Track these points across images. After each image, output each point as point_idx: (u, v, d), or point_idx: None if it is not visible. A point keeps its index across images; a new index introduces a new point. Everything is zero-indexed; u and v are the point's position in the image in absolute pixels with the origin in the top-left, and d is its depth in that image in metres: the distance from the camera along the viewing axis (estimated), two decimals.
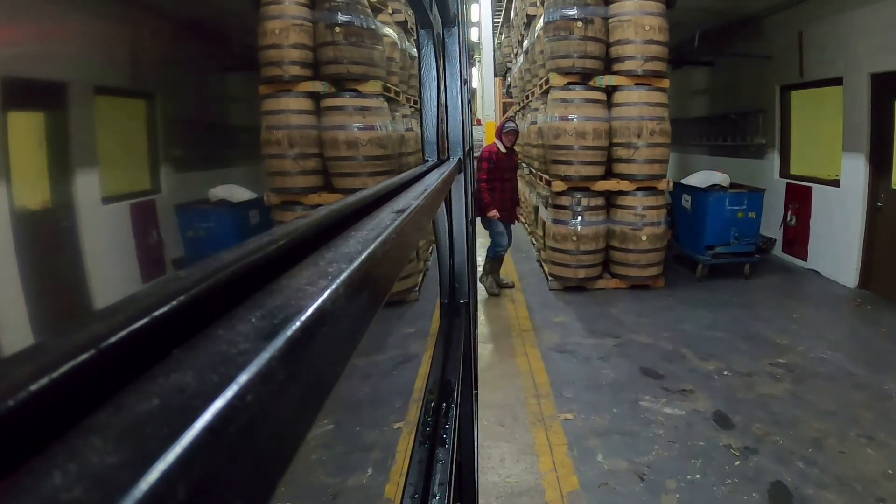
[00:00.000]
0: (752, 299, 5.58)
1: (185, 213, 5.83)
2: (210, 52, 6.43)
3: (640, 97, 5.66)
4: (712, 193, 6.16)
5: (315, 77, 5.30)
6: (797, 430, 3.13)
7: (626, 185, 5.79)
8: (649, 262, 5.84)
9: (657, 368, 3.99)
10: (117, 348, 0.21)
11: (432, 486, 1.08)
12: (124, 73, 5.40)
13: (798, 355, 4.13)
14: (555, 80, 5.86)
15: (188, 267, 0.31)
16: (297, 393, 0.24)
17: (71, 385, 0.19)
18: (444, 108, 1.81)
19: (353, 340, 0.34)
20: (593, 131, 5.70)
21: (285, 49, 5.18)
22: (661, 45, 5.63)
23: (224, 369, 0.21)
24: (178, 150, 6.36)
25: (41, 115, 4.52)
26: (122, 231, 5.21)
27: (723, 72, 8.34)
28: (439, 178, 1.13)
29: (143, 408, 0.18)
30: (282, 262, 0.36)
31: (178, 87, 6.26)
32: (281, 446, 0.22)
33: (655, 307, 5.37)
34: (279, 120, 5.23)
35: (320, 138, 5.28)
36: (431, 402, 1.34)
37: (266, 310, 0.27)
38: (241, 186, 6.07)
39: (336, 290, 0.31)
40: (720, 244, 6.13)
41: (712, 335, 4.60)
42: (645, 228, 5.74)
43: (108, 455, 0.16)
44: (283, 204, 5.39)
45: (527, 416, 3.42)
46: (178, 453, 0.16)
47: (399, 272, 0.52)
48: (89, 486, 0.15)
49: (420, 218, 0.68)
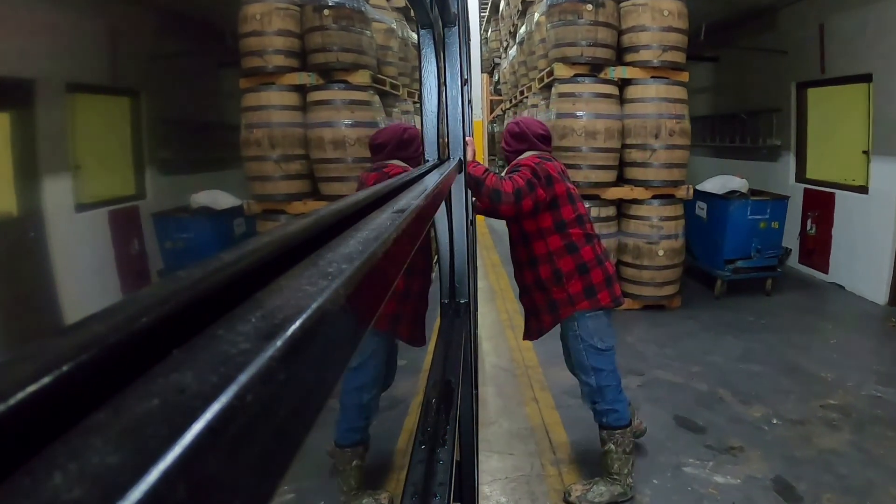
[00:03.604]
0: (781, 321, 4.97)
1: (163, 222, 5.19)
2: (195, 44, 5.81)
3: (657, 92, 4.95)
4: (733, 201, 5.48)
5: (302, 68, 4.70)
6: (875, 500, 2.63)
7: (641, 193, 5.04)
8: (666, 280, 5.10)
9: (695, 417, 3.34)
10: (117, 348, 0.21)
11: (432, 486, 1.08)
12: (98, 69, 4.90)
13: (849, 394, 3.61)
14: (560, 72, 5.09)
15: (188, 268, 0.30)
16: (298, 393, 0.24)
17: (71, 385, 0.19)
18: (444, 107, 1.81)
19: (353, 341, 0.34)
20: (605, 131, 4.93)
21: (268, 36, 4.59)
22: (680, 34, 4.96)
23: (224, 369, 0.21)
24: (164, 151, 5.82)
25: (5, 115, 4.15)
26: (99, 241, 4.69)
27: (730, 67, 7.72)
28: (440, 178, 1.13)
29: (143, 408, 0.18)
30: (282, 262, 0.36)
31: (160, 83, 5.63)
32: (281, 446, 0.22)
33: (676, 334, 4.68)
34: (260, 117, 4.65)
35: (306, 137, 4.71)
36: (431, 402, 1.34)
37: (266, 310, 0.27)
38: (224, 192, 5.43)
39: (336, 290, 0.31)
40: (741, 258, 5.45)
41: (748, 369, 3.97)
42: (662, 242, 5.01)
43: (109, 455, 0.16)
44: (265, 213, 4.76)
45: (547, 495, 2.71)
46: (179, 453, 0.16)
47: (399, 272, 0.52)
48: (89, 487, 0.15)
49: (420, 218, 0.68)
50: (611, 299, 2.45)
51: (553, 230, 2.43)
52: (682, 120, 5.01)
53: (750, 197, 5.57)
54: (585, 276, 2.43)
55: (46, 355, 0.20)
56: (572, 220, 2.45)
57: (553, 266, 2.44)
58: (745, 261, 5.46)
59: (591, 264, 2.44)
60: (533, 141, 2.60)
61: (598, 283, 2.44)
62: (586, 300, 2.42)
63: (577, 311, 2.45)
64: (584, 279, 2.43)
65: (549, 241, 2.44)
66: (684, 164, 5.13)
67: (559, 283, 2.43)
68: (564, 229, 2.44)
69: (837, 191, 5.94)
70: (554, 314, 2.49)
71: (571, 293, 2.43)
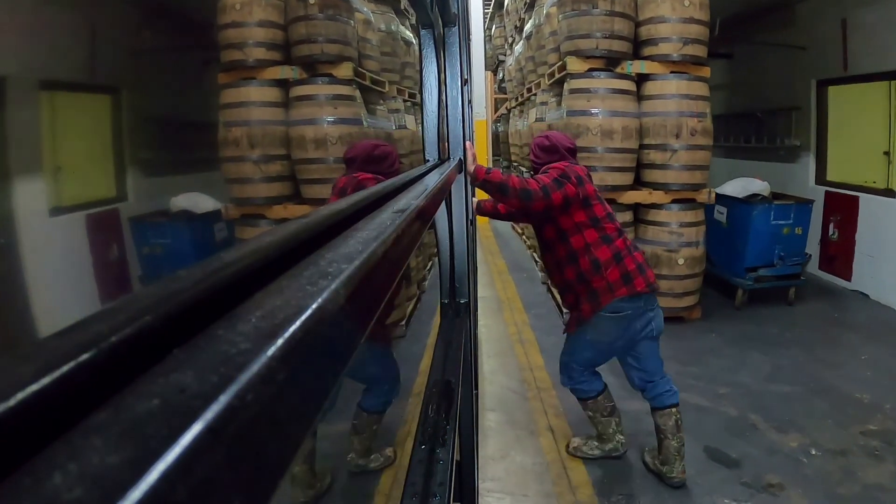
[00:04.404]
0: (807, 334, 4.65)
1: (140, 227, 5.14)
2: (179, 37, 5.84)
3: (677, 88, 4.63)
4: (756, 206, 5.13)
5: (285, 61, 4.43)
6: None
7: (660, 197, 4.70)
8: (685, 291, 4.77)
9: (727, 448, 3.06)
10: (117, 348, 0.21)
11: (432, 486, 1.08)
12: (76, 65, 4.92)
13: (889, 418, 3.37)
14: (573, 66, 4.75)
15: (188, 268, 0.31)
16: (298, 393, 0.24)
17: (71, 385, 0.19)
18: (444, 107, 1.81)
19: (353, 340, 0.34)
20: (622, 130, 4.60)
21: (248, 28, 4.34)
22: (701, 25, 4.63)
23: (224, 369, 0.21)
24: (146, 151, 5.82)
25: None
26: (75, 247, 4.67)
27: (745, 64, 7.33)
28: (440, 177, 1.13)
29: (144, 408, 0.18)
30: (282, 261, 0.36)
31: (139, 78, 5.58)
32: (281, 446, 0.22)
33: (698, 349, 4.36)
34: (240, 114, 4.38)
35: (287, 136, 4.40)
36: (431, 402, 1.34)
37: (266, 310, 0.27)
38: (205, 195, 5.33)
39: (336, 289, 0.31)
40: (763, 265, 5.14)
41: (779, 390, 3.68)
42: (682, 250, 4.69)
43: (109, 455, 0.16)
44: (244, 218, 4.45)
45: None
46: (179, 453, 0.16)
47: (400, 272, 0.52)
48: (90, 486, 0.15)
49: (421, 218, 0.68)
50: (645, 284, 2.62)
51: (588, 224, 2.62)
52: (704, 119, 4.70)
53: (773, 201, 5.26)
54: (621, 263, 2.61)
55: (46, 355, 0.20)
56: (604, 216, 2.66)
57: (591, 256, 2.60)
58: (767, 269, 5.16)
59: (624, 253, 2.63)
60: (563, 153, 2.78)
61: (632, 269, 2.62)
62: (624, 286, 2.59)
63: (611, 302, 2.60)
64: (620, 266, 2.61)
65: (585, 234, 2.62)
66: (706, 166, 4.80)
67: (598, 271, 2.60)
68: (599, 223, 2.63)
69: (861, 194, 5.64)
70: (594, 303, 2.63)
71: (610, 281, 2.60)
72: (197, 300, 0.27)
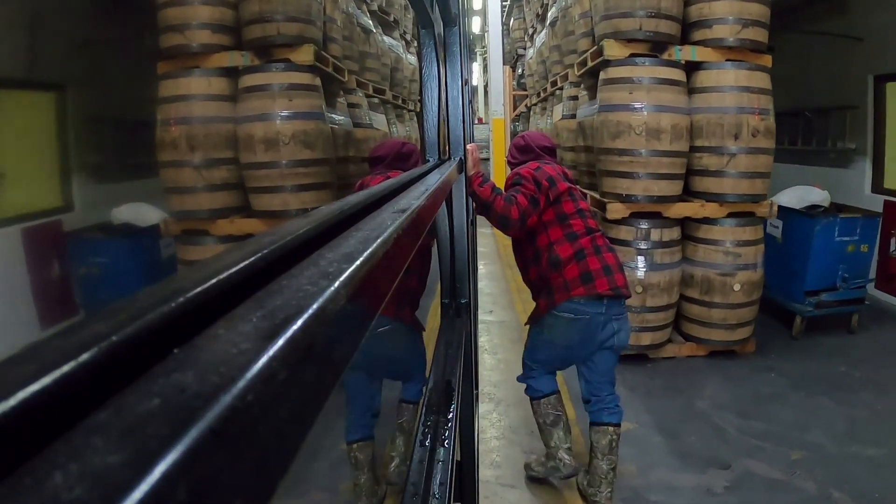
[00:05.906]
0: (880, 373, 3.90)
1: (77, 242, 4.29)
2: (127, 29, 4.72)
3: (736, 79, 3.82)
4: (818, 220, 4.37)
5: (234, 46, 3.66)
6: None
7: (714, 210, 3.92)
8: (741, 321, 4.03)
9: None
10: (117, 348, 0.21)
11: (432, 486, 1.08)
12: (14, 60, 4.16)
13: None
14: (612, 51, 3.91)
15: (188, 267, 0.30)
16: (298, 393, 0.24)
17: (71, 385, 0.19)
18: (444, 107, 1.81)
19: (354, 340, 0.34)
20: (672, 128, 3.77)
21: (191, 6, 3.56)
22: (762, 5, 3.86)
23: (225, 369, 0.21)
24: (95, 155, 4.94)
25: None
26: (10, 263, 4.02)
27: (790, 57, 6.24)
28: (440, 178, 1.13)
29: (144, 408, 0.18)
30: (282, 261, 0.36)
31: (89, 75, 4.69)
32: (282, 447, 0.22)
33: (758, 395, 3.64)
34: (179, 110, 3.59)
35: (235, 135, 3.62)
36: (431, 402, 1.34)
37: (267, 310, 0.27)
38: (150, 205, 4.41)
39: (337, 289, 0.31)
40: (825, 289, 4.41)
41: (862, 454, 2.97)
42: (738, 273, 3.93)
43: (109, 455, 0.16)
44: (185, 234, 3.72)
45: None
46: (179, 453, 0.16)
47: (400, 272, 0.52)
48: (90, 486, 0.15)
49: (421, 218, 0.68)
50: (609, 287, 2.40)
51: (555, 222, 2.49)
52: (767, 116, 3.89)
53: (838, 214, 4.52)
54: (582, 261, 2.43)
55: (46, 355, 0.20)
56: (573, 212, 2.50)
57: (552, 254, 2.47)
58: (829, 292, 4.42)
59: (589, 251, 2.44)
60: (538, 153, 2.66)
61: (594, 269, 2.42)
62: (582, 286, 2.40)
63: (566, 301, 2.43)
64: (580, 265, 2.42)
65: (550, 232, 2.49)
66: (768, 174, 4.00)
67: (557, 268, 2.45)
68: (566, 220, 2.48)
69: None
70: (549, 299, 2.48)
71: (567, 279, 2.43)
72: (197, 300, 0.27)
